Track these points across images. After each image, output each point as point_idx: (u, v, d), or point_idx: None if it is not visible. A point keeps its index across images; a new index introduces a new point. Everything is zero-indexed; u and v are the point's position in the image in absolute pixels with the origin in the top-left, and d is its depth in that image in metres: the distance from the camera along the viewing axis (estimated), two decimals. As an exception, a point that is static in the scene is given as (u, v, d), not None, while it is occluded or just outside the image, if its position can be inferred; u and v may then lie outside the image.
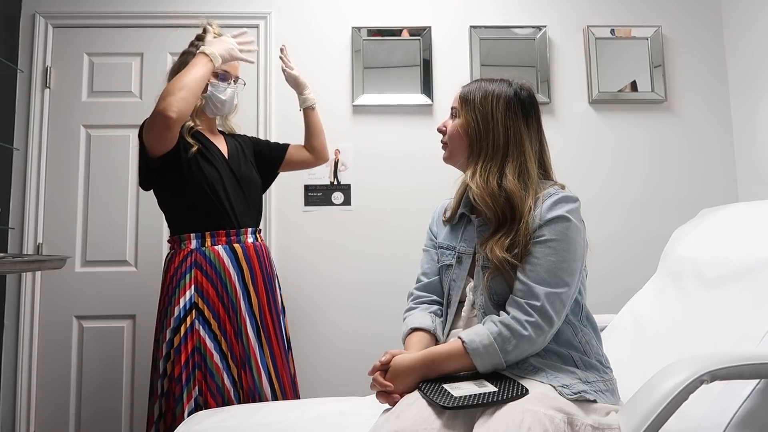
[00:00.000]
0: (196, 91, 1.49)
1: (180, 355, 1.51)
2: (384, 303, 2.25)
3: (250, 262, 1.62)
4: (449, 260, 1.20)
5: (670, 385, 0.89)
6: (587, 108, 2.41)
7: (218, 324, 1.56)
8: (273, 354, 1.62)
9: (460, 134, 1.17)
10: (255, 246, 1.66)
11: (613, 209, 2.36)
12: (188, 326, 1.53)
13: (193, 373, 1.51)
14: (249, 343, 1.57)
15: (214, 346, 1.54)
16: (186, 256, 1.58)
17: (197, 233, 1.59)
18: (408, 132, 2.36)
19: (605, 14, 2.45)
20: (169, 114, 1.43)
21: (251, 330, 1.59)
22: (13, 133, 2.25)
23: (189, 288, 1.55)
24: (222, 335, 1.55)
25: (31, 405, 2.16)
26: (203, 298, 1.55)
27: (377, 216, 2.32)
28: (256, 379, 1.57)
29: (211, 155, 1.63)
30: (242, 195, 1.66)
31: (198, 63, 1.52)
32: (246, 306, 1.59)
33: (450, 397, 0.93)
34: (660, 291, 1.60)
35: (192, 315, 1.54)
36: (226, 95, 1.66)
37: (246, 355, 1.57)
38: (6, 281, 2.19)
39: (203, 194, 1.58)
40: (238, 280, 1.59)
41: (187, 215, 1.61)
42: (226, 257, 1.59)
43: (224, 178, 1.62)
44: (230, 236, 1.61)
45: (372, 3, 2.41)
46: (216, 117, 1.75)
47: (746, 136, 2.35)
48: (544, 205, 1.07)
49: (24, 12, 2.30)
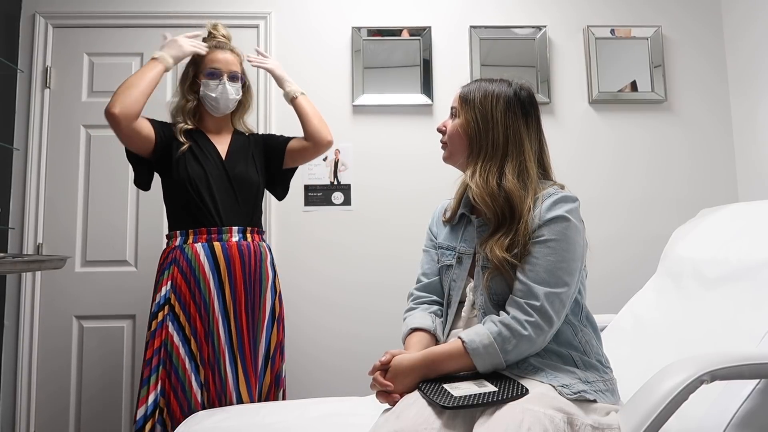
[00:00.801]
0: (144, 89, 1.56)
1: (147, 350, 1.54)
2: (384, 303, 2.24)
3: (229, 262, 1.60)
4: (449, 260, 1.20)
5: (670, 385, 0.89)
6: (587, 108, 2.41)
7: (188, 322, 1.55)
8: (243, 359, 1.58)
9: (460, 134, 1.17)
10: (240, 245, 1.63)
11: (613, 209, 2.36)
12: (159, 322, 1.55)
13: (156, 370, 1.52)
14: (219, 345, 1.56)
15: (182, 345, 1.54)
16: (169, 253, 1.62)
17: (182, 231, 1.62)
18: (408, 132, 2.36)
19: (605, 14, 2.45)
20: (111, 111, 1.51)
21: (223, 332, 1.56)
22: (13, 133, 2.25)
23: (165, 284, 1.58)
24: (192, 334, 1.55)
25: (31, 405, 2.16)
26: (176, 294, 1.56)
27: (377, 216, 2.32)
28: (224, 383, 1.55)
29: (203, 154, 1.65)
30: (232, 194, 1.66)
31: (147, 65, 1.61)
32: (220, 306, 1.57)
33: (450, 396, 0.93)
34: (660, 291, 1.60)
35: (164, 311, 1.56)
36: (216, 92, 1.67)
37: (215, 357, 1.55)
38: (6, 281, 2.19)
39: (185, 192, 1.61)
40: (213, 278, 1.58)
41: (175, 213, 1.66)
42: (203, 255, 1.59)
43: (211, 177, 1.63)
44: (211, 234, 1.61)
45: (372, 3, 2.41)
46: (225, 117, 1.75)
47: (746, 136, 2.35)
48: (543, 205, 1.07)
49: (24, 12, 2.30)
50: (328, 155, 2.31)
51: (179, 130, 1.65)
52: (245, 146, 1.75)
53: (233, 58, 1.72)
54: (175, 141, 1.64)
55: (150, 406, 1.50)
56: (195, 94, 1.70)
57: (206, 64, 1.68)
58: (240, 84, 1.73)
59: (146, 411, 1.50)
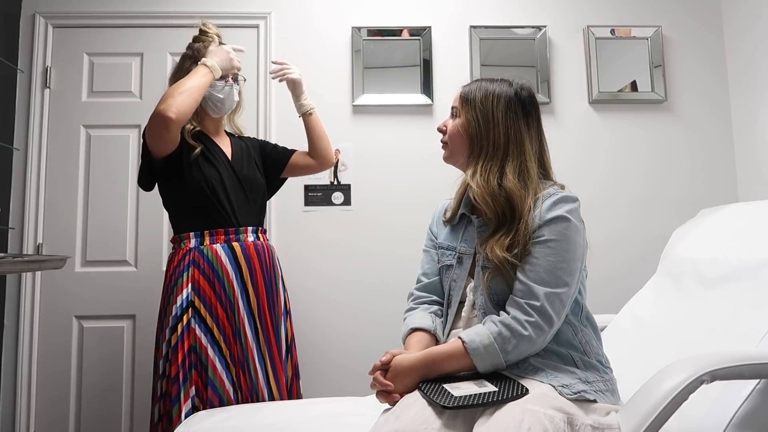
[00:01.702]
0: (197, 96, 1.54)
1: (177, 353, 1.51)
2: (384, 303, 2.25)
3: (249, 261, 1.62)
4: (450, 260, 1.20)
5: (670, 385, 0.89)
6: (587, 108, 2.41)
7: (216, 323, 1.55)
8: (271, 355, 1.61)
9: (461, 134, 1.17)
10: (256, 245, 1.65)
11: (613, 209, 2.36)
12: (185, 325, 1.53)
13: (189, 372, 1.51)
14: (247, 344, 1.57)
15: (211, 345, 1.53)
16: (185, 255, 1.59)
17: (197, 232, 1.60)
18: (408, 132, 2.36)
19: (605, 14, 2.45)
20: (168, 114, 1.46)
21: (249, 330, 1.58)
22: (13, 133, 2.25)
23: (186, 287, 1.56)
24: (220, 334, 1.55)
25: (31, 405, 2.16)
26: (200, 297, 1.55)
27: (377, 216, 2.32)
28: (254, 380, 1.56)
29: (214, 156, 1.64)
30: (244, 195, 1.66)
31: (198, 72, 1.57)
32: (244, 305, 1.59)
33: (450, 397, 0.93)
34: (660, 291, 1.60)
35: (189, 313, 1.54)
36: (223, 93, 1.67)
37: (244, 356, 1.56)
38: (6, 281, 2.19)
39: (203, 194, 1.59)
40: (236, 278, 1.59)
41: (188, 214, 1.63)
42: (224, 255, 1.59)
43: (225, 179, 1.63)
44: (229, 235, 1.61)
45: (372, 3, 2.41)
46: (221, 117, 1.75)
47: (746, 136, 2.35)
48: (543, 205, 1.07)
49: (24, 12, 2.30)
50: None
51: (188, 133, 1.63)
52: (244, 148, 1.76)
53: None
54: (185, 144, 1.61)
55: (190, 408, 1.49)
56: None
57: None
58: (239, 84, 1.74)
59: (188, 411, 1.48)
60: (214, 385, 1.52)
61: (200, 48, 1.66)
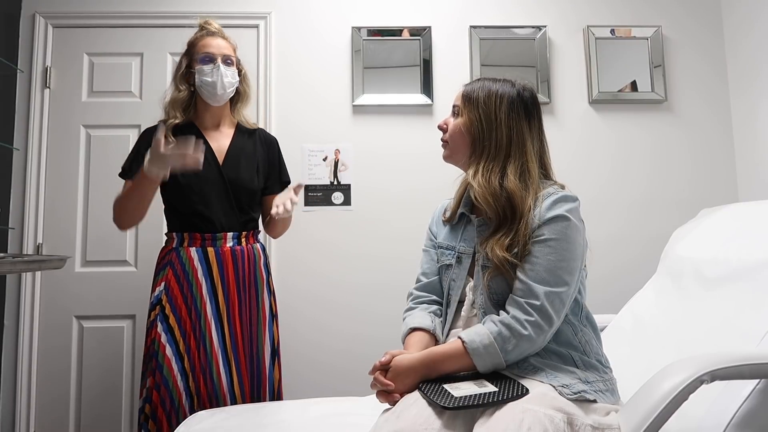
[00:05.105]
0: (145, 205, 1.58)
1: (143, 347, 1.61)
2: (383, 303, 2.24)
3: (222, 267, 1.60)
4: (449, 260, 1.20)
5: (670, 385, 0.89)
6: (587, 108, 2.41)
7: (178, 324, 1.56)
8: (238, 362, 1.59)
9: (463, 133, 1.17)
10: (234, 251, 1.62)
11: (613, 209, 2.36)
12: (150, 321, 1.58)
13: (149, 364, 1.56)
14: (212, 349, 1.57)
15: (169, 345, 1.55)
16: (166, 255, 1.63)
17: (179, 233, 1.63)
18: (408, 132, 2.35)
19: (605, 14, 2.45)
20: (122, 229, 1.66)
21: (216, 336, 1.58)
22: (13, 133, 2.25)
23: (159, 285, 1.60)
24: (181, 336, 1.56)
25: (31, 405, 2.16)
26: (168, 296, 1.58)
27: (377, 216, 2.32)
28: (216, 386, 1.56)
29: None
30: (228, 200, 1.62)
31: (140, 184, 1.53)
32: (212, 311, 1.58)
33: (450, 397, 0.93)
34: (660, 291, 1.60)
35: (156, 311, 1.58)
36: (213, 76, 1.60)
37: (208, 361, 1.56)
38: (6, 281, 2.19)
39: (178, 197, 1.61)
40: (205, 283, 1.59)
41: (171, 215, 1.67)
42: (197, 260, 1.60)
43: (204, 182, 1.59)
44: (205, 240, 1.61)
45: (372, 3, 2.40)
46: (223, 108, 1.68)
47: (746, 136, 2.35)
48: (543, 205, 1.07)
49: (24, 12, 2.30)
50: (328, 155, 2.31)
51: (168, 127, 1.56)
52: (250, 146, 1.70)
53: (226, 43, 1.66)
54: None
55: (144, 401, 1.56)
56: (188, 84, 1.64)
57: (198, 51, 1.63)
58: (236, 69, 1.66)
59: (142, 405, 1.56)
60: (166, 385, 1.53)
61: (192, 41, 1.67)
